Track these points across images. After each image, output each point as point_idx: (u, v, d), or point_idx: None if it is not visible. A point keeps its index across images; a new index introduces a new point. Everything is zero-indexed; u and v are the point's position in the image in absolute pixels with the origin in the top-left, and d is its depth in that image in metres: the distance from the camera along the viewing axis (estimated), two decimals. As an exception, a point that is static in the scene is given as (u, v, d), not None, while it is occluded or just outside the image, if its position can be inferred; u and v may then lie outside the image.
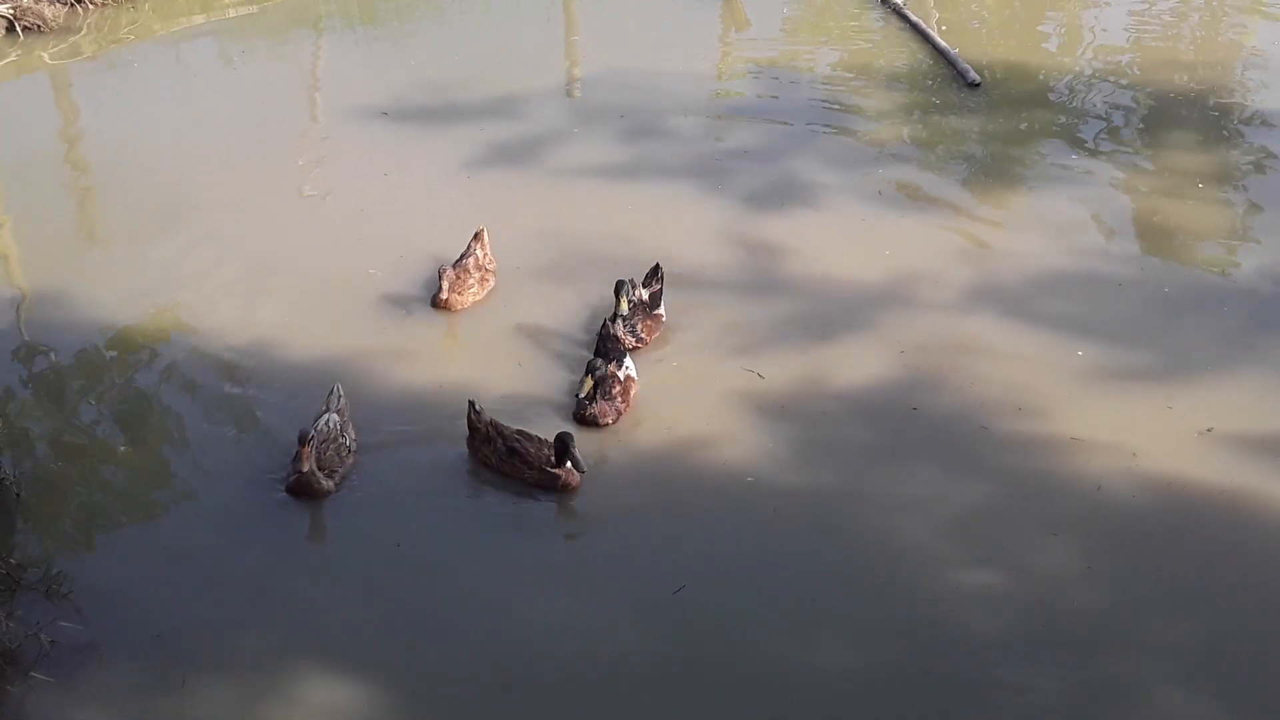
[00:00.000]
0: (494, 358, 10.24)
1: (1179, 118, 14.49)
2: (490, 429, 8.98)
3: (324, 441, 8.82)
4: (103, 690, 7.30)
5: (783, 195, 12.72)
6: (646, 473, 9.01)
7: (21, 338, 10.62)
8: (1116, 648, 7.57)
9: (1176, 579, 8.06)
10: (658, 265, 10.81)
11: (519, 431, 8.96)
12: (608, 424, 9.29)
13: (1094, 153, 13.53)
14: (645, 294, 10.52)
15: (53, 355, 10.36)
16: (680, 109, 14.75)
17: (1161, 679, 7.39)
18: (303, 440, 8.54)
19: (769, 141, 13.94)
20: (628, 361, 9.65)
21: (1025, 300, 10.89)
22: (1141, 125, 14.35)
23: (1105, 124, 14.29)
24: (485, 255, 11.18)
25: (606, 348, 9.90)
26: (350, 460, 8.92)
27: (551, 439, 8.80)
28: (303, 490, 8.61)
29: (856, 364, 10.10)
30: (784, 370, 10.02)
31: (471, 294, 10.88)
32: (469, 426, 9.10)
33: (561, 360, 10.20)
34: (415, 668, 7.52)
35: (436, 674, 7.49)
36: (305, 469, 8.50)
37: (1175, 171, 13.12)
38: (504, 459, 8.86)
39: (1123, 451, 8.99)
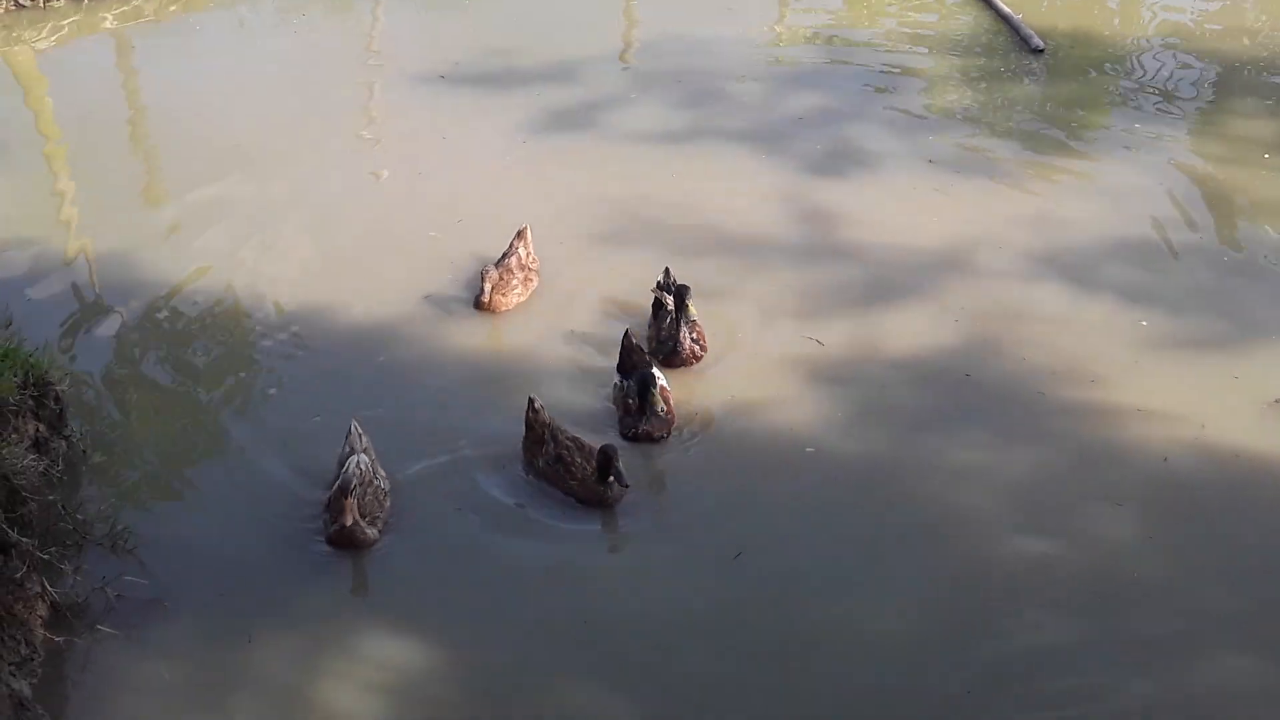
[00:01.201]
0: (540, 365, 9.69)
1: (1245, 85, 14.23)
2: (546, 431, 8.57)
3: (359, 486, 8.09)
4: (168, 644, 7.35)
5: (841, 161, 12.61)
6: (708, 439, 8.95)
7: (87, 297, 10.70)
8: (1174, 616, 7.47)
9: (1239, 550, 7.92)
10: (668, 269, 10.25)
11: (573, 438, 8.56)
12: (664, 438, 8.86)
13: (1158, 120, 13.31)
14: (669, 300, 9.85)
15: (118, 314, 10.41)
16: (738, 74, 14.65)
17: (1219, 648, 7.26)
18: (346, 490, 7.90)
19: (827, 107, 13.81)
20: (658, 372, 9.08)
21: (1087, 268, 10.73)
22: (1207, 93, 14.11)
23: (1170, 91, 14.05)
24: (528, 254, 10.67)
25: (633, 360, 9.30)
26: (388, 503, 8.27)
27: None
28: (346, 543, 7.94)
29: (915, 330, 10.00)
30: (843, 336, 9.93)
31: (515, 295, 10.38)
32: (526, 424, 8.70)
33: (609, 368, 9.60)
34: (478, 623, 7.54)
35: (499, 629, 7.50)
36: (349, 523, 7.83)
37: (1241, 140, 12.89)
38: (550, 464, 8.45)
39: (1189, 422, 8.84)
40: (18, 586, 7.27)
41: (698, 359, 9.57)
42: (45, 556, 7.54)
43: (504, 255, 10.58)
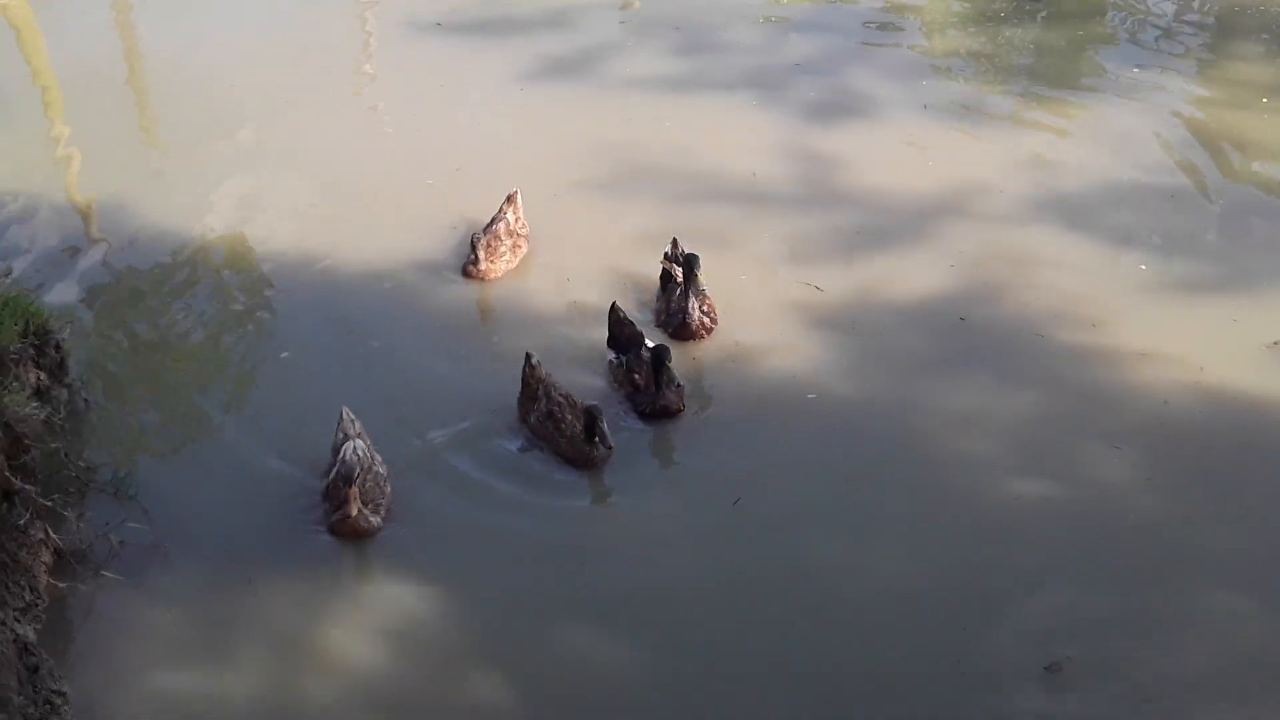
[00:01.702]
0: (532, 336, 9.32)
1: (1244, 30, 14.11)
2: (540, 388, 8.48)
3: (360, 471, 7.75)
4: (171, 589, 7.36)
5: (839, 107, 12.51)
6: (708, 386, 8.93)
7: (86, 247, 10.62)
8: (1172, 556, 7.48)
9: (1237, 491, 7.92)
10: (675, 239, 9.89)
11: (565, 395, 8.44)
12: (681, 409, 8.60)
13: (1156, 65, 13.19)
14: (678, 272, 9.50)
15: (118, 264, 10.36)
16: (736, 21, 14.52)
17: (1217, 588, 7.28)
18: (349, 479, 7.56)
19: (825, 53, 13.69)
20: (648, 342, 8.89)
21: (1086, 212, 10.67)
22: (1206, 37, 14.00)
23: (1168, 36, 13.94)
24: (517, 219, 10.32)
25: (625, 334, 9.01)
26: (388, 489, 7.96)
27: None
28: (349, 533, 7.65)
29: (914, 276, 9.95)
30: (841, 282, 9.89)
31: (504, 262, 10.06)
32: (522, 380, 8.59)
33: (596, 349, 9.32)
34: (480, 570, 7.54)
35: (499, 576, 7.50)
36: (354, 513, 7.55)
37: (1239, 84, 12.79)
38: (541, 421, 8.38)
39: (1188, 365, 8.82)
40: (21, 533, 7.26)
41: (708, 331, 9.28)
42: (48, 503, 7.54)
43: (492, 220, 10.25)
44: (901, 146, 11.77)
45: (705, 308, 9.28)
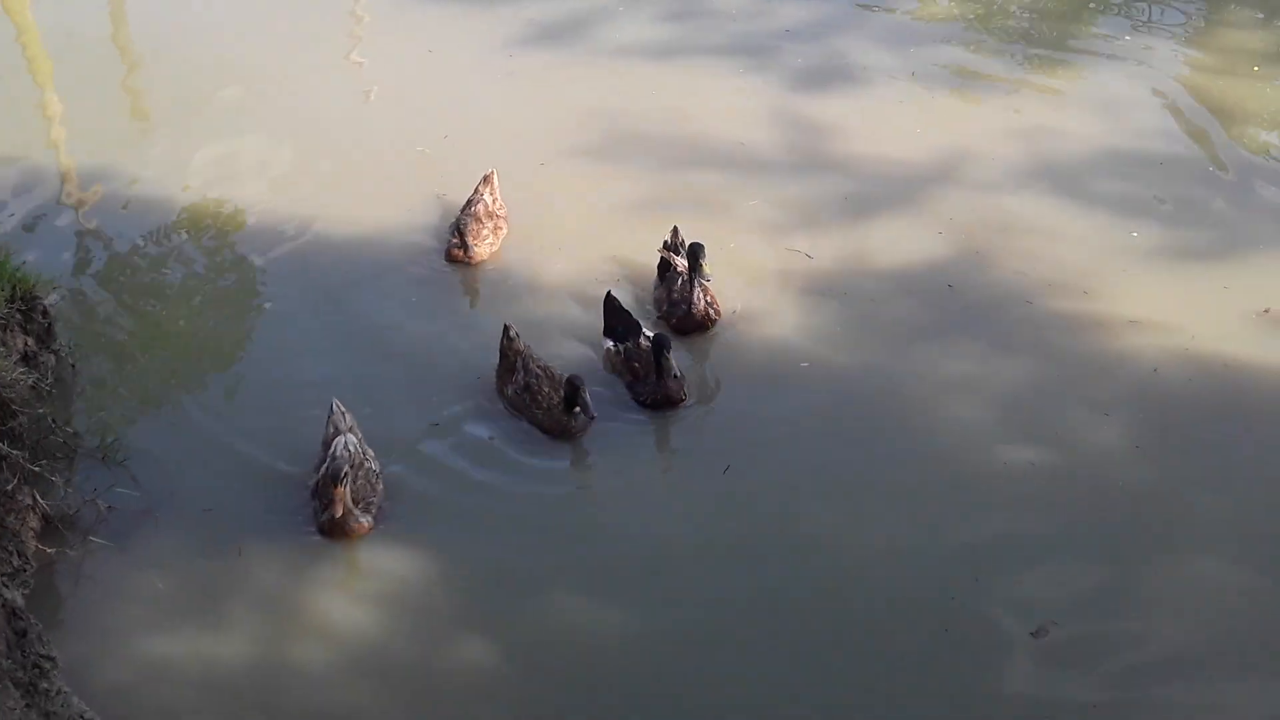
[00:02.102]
0: (522, 315, 9.14)
1: (1237, -4, 14.07)
2: (518, 360, 8.45)
3: (350, 471, 7.47)
4: (160, 555, 7.37)
5: (829, 74, 12.40)
6: (699, 351, 8.94)
7: (73, 213, 10.58)
8: (1161, 521, 7.51)
9: (1226, 458, 7.95)
10: (676, 228, 9.59)
11: (544, 367, 8.43)
12: (683, 399, 8.43)
13: (1149, 31, 13.08)
14: (680, 262, 9.24)
15: (105, 230, 10.32)
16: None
17: (1203, 554, 7.32)
18: (337, 478, 7.26)
19: (815, 19, 13.54)
20: (647, 331, 8.73)
21: (1077, 180, 10.61)
22: (1199, 4, 13.87)
23: (1161, 3, 13.85)
24: (495, 200, 10.11)
25: (622, 322, 8.79)
26: (380, 485, 7.74)
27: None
28: (339, 533, 7.42)
29: (904, 243, 9.92)
30: (832, 249, 9.86)
31: (487, 244, 9.85)
32: (500, 352, 8.57)
33: (592, 323, 9.20)
34: (471, 537, 7.56)
35: (491, 543, 7.53)
36: (339, 513, 7.29)
37: (1231, 51, 12.71)
38: (518, 393, 8.37)
39: (1179, 332, 8.81)
40: (9, 498, 7.26)
41: (712, 323, 9.05)
42: (36, 469, 7.53)
43: (469, 203, 10.06)
44: (892, 113, 11.70)
45: (709, 298, 9.07)
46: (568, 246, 9.96)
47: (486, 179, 10.19)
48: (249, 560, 7.37)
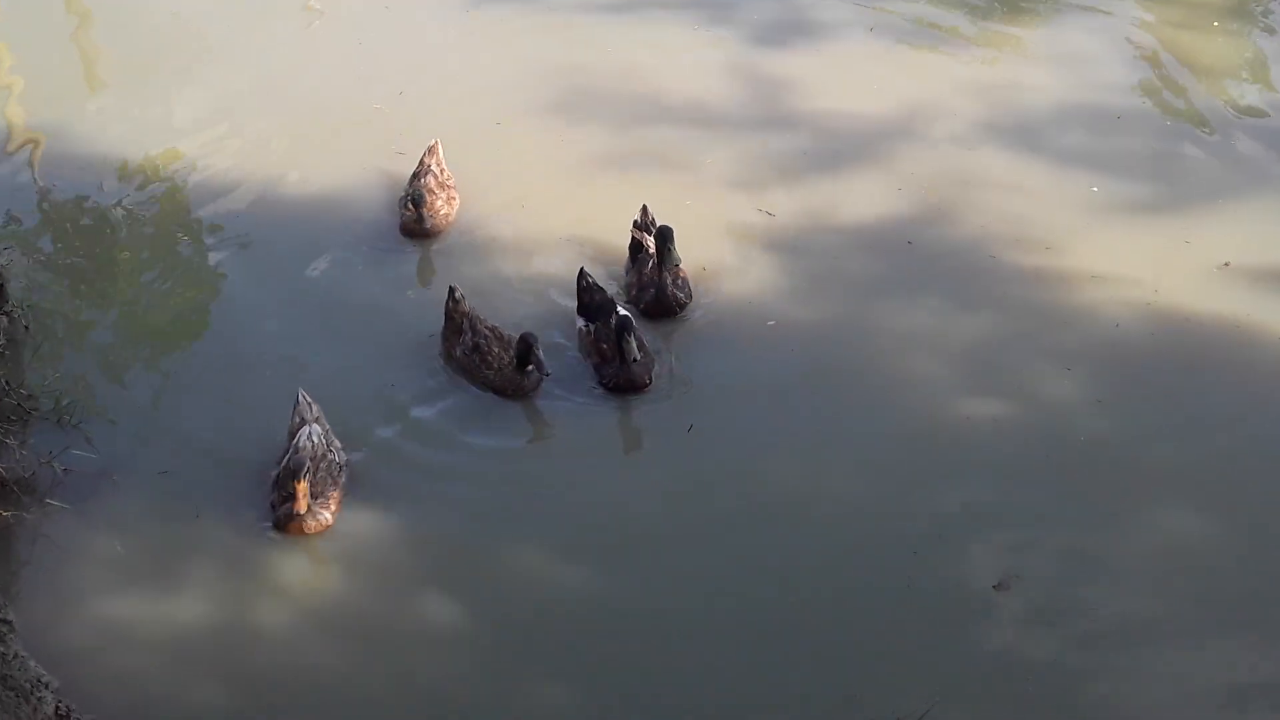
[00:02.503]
0: (484, 294, 8.96)
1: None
2: (465, 321, 8.36)
3: (310, 465, 7.25)
4: (118, 517, 7.28)
5: (787, 29, 12.24)
6: (665, 330, 8.79)
7: (28, 176, 10.35)
8: (1122, 474, 7.54)
9: (1187, 410, 7.99)
10: (645, 206, 9.28)
11: (491, 328, 8.35)
12: (646, 384, 8.19)
13: (1108, -15, 13.14)
14: (649, 241, 8.93)
15: (60, 193, 10.12)
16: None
17: (1164, 507, 7.37)
18: (298, 473, 7.04)
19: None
20: (621, 309, 8.46)
21: (1036, 134, 10.60)
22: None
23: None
24: (443, 170, 9.82)
25: (595, 300, 8.58)
26: (343, 479, 7.47)
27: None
28: (296, 530, 7.16)
29: (864, 199, 9.88)
30: (793, 206, 9.80)
31: (442, 214, 9.59)
32: (445, 315, 8.47)
33: (547, 281, 9.23)
34: (435, 500, 7.53)
35: (455, 506, 7.49)
36: (302, 510, 7.08)
37: (1192, 6, 12.67)
38: (467, 354, 8.27)
39: (1141, 286, 8.82)
40: (-39, 461, 7.18)
41: (682, 307, 8.78)
42: (-10, 431, 7.45)
43: (416, 174, 9.78)
44: (851, 67, 11.58)
45: (680, 280, 8.81)
46: (530, 204, 9.84)
47: (431, 149, 9.91)
48: (207, 523, 7.29)
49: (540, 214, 9.76)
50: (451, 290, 8.48)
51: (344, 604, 6.92)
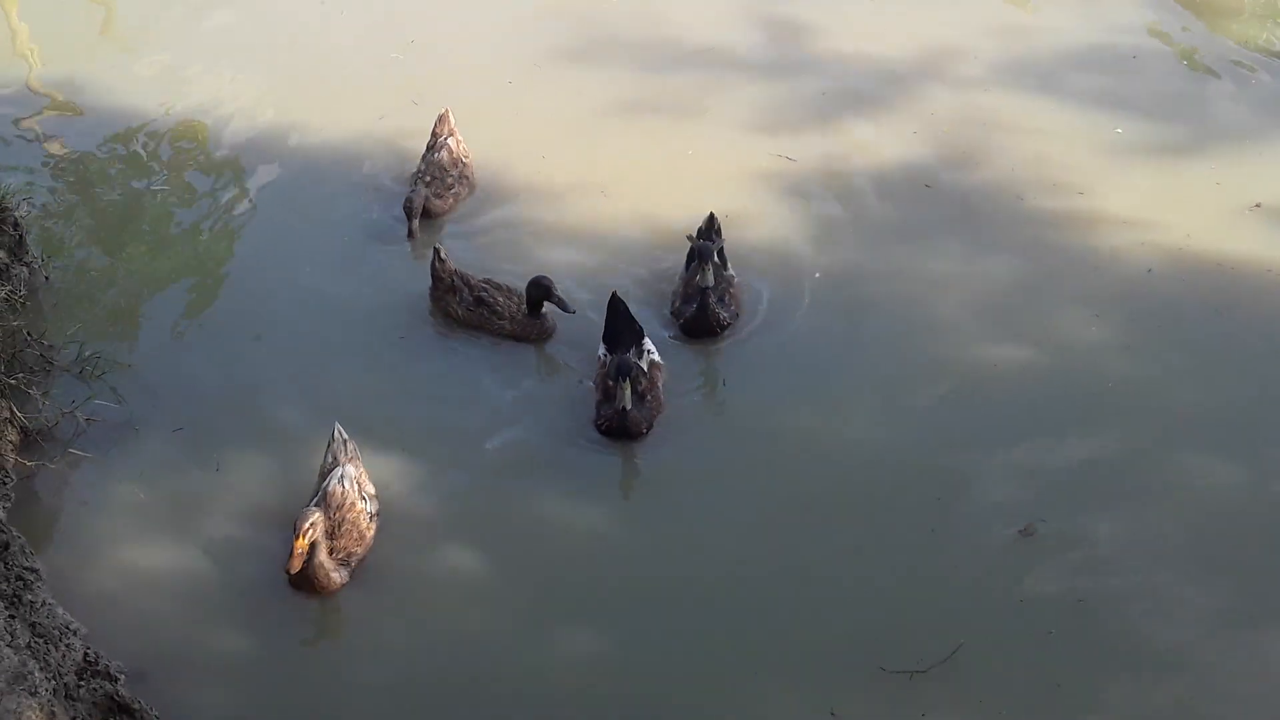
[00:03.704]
0: (501, 250, 8.87)
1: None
2: (456, 278, 8.18)
3: (335, 511, 6.57)
4: (140, 467, 7.23)
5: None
6: (680, 254, 8.64)
7: (44, 128, 10.27)
8: (1150, 419, 7.41)
9: (1218, 355, 7.84)
10: (712, 215, 8.59)
11: (486, 280, 8.18)
12: (642, 434, 7.41)
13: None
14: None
15: (76, 144, 10.03)
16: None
17: (1191, 452, 7.23)
18: (297, 531, 6.26)
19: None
20: (648, 343, 7.77)
21: (1057, 75, 10.42)
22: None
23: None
24: (459, 144, 9.32)
25: (622, 329, 7.78)
26: (371, 533, 6.72)
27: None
28: (305, 585, 6.46)
29: (885, 142, 9.74)
30: (812, 150, 9.66)
31: (453, 195, 9.19)
32: (432, 276, 8.26)
33: (570, 234, 9.02)
34: (453, 444, 7.45)
35: (470, 452, 7.43)
36: (293, 568, 6.31)
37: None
38: (471, 309, 8.12)
39: (1173, 231, 8.66)
40: (-15, 412, 7.15)
41: (723, 328, 8.04)
42: (13, 382, 7.37)
43: (429, 148, 9.37)
44: (871, 12, 11.38)
45: (728, 298, 8.15)
46: (549, 156, 9.68)
47: (442, 118, 9.45)
48: (226, 475, 7.23)
49: (559, 165, 9.59)
50: (436, 250, 8.29)
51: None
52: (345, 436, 7.00)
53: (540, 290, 7.98)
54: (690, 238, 8.38)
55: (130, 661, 6.15)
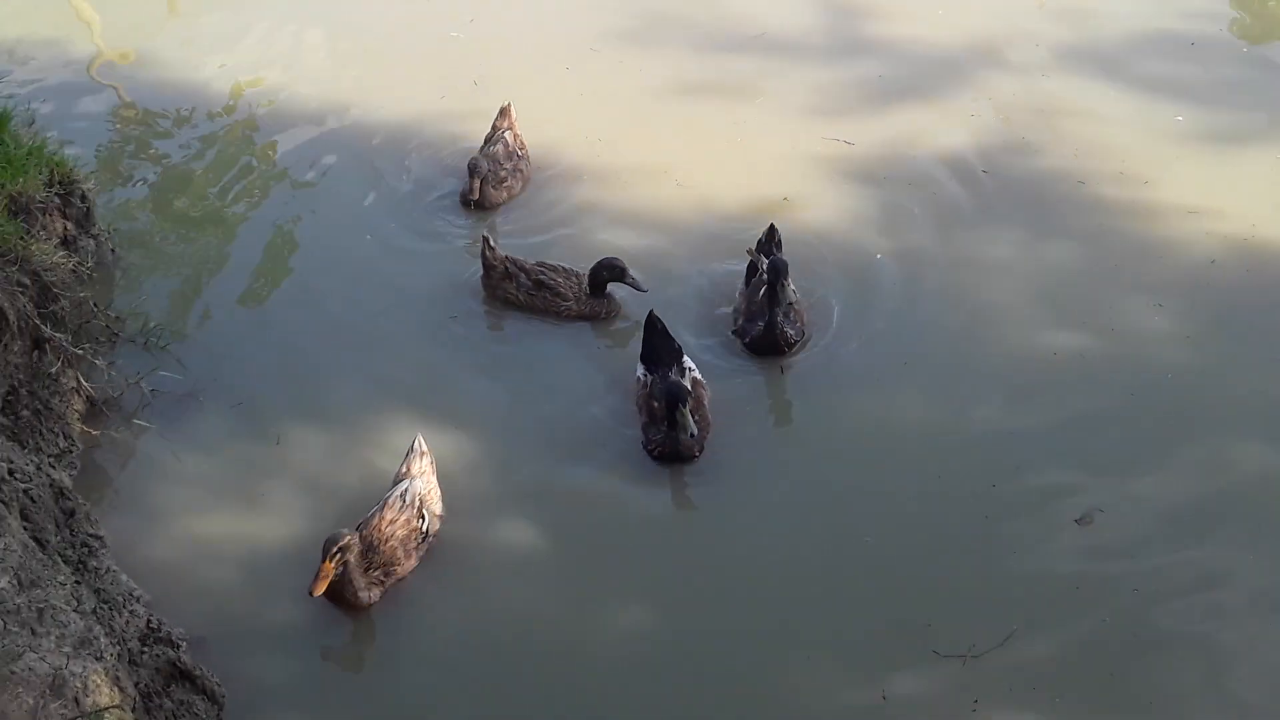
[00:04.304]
0: (555, 234, 8.90)
1: None
2: (508, 265, 8.11)
3: (385, 525, 6.41)
4: (202, 438, 7.27)
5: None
6: (740, 238, 8.58)
7: (110, 98, 10.38)
8: (1210, 411, 7.27)
9: (1278, 346, 7.69)
10: (773, 226, 8.22)
11: (540, 264, 8.13)
12: (695, 457, 7.11)
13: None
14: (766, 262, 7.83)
15: (142, 115, 10.15)
16: None
17: (1251, 439, 7.09)
18: (326, 553, 6.08)
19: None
20: (688, 361, 7.47)
21: (1113, 61, 10.32)
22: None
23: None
24: (516, 137, 9.26)
25: (660, 348, 7.44)
26: (416, 556, 6.54)
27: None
28: (338, 599, 6.32)
29: (943, 127, 9.65)
30: (870, 135, 9.58)
31: (506, 189, 9.09)
32: (484, 265, 8.18)
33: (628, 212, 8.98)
34: (505, 417, 7.45)
35: (521, 428, 7.41)
36: (317, 590, 6.09)
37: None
38: (532, 294, 8.08)
39: (1236, 220, 8.51)
40: (53, 381, 7.18)
41: (790, 346, 7.73)
42: (79, 352, 7.42)
43: (488, 140, 9.31)
44: (929, -5, 11.36)
45: (794, 315, 7.79)
46: (604, 138, 9.66)
47: (504, 111, 9.41)
48: (287, 447, 7.26)
49: (615, 149, 9.55)
50: (485, 239, 8.21)
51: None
52: (424, 449, 6.81)
53: (614, 271, 7.94)
54: (750, 251, 8.11)
55: (191, 629, 6.19)
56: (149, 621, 6.03)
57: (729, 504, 6.93)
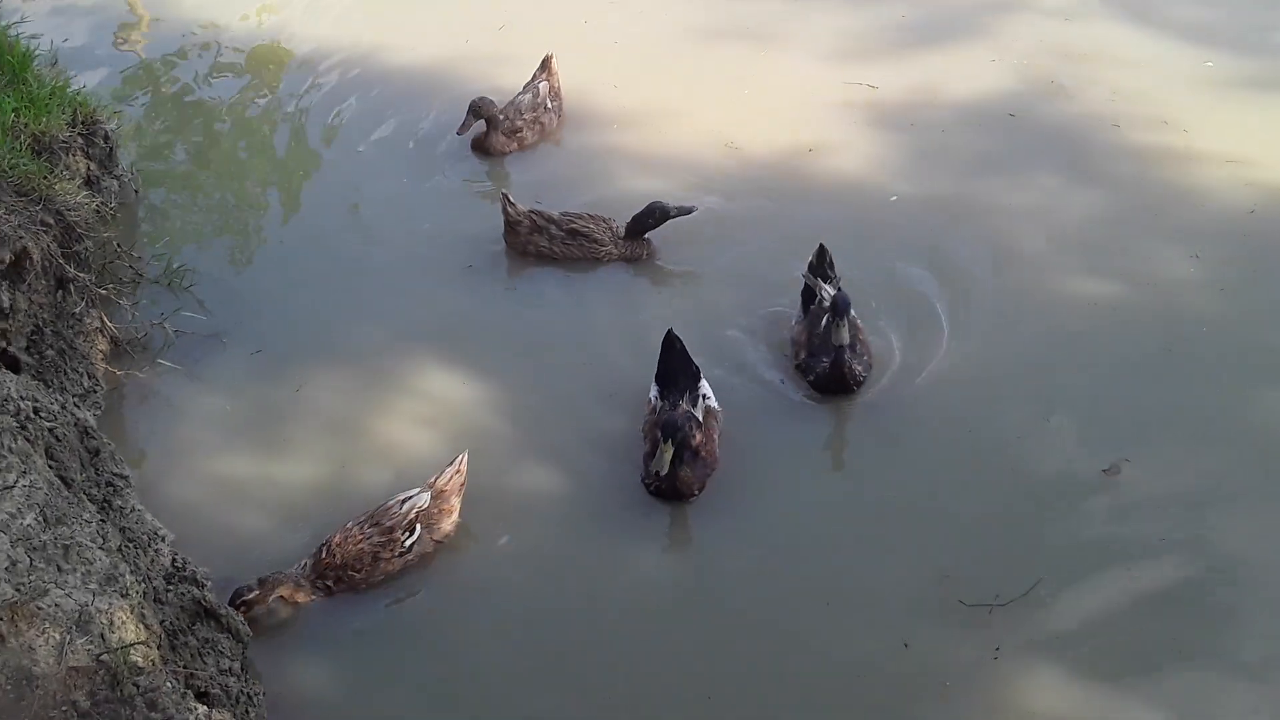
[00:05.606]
0: (578, 182, 8.74)
1: None
2: (536, 218, 7.92)
3: (367, 527, 6.18)
4: (226, 378, 7.19)
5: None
6: (768, 183, 8.51)
7: (134, 39, 10.27)
8: (1243, 362, 7.06)
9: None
10: (823, 246, 7.51)
11: (566, 213, 7.95)
12: (693, 495, 6.52)
13: None
14: (828, 291, 7.19)
15: (166, 54, 10.03)
16: None
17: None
18: (236, 599, 5.88)
19: None
20: (705, 387, 6.88)
21: (1142, 5, 10.07)
22: None
23: None
24: (552, 90, 9.11)
25: (677, 369, 6.86)
26: (387, 570, 6.19)
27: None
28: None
29: (969, 71, 9.43)
30: (895, 79, 9.37)
31: (519, 139, 8.95)
32: (506, 222, 7.97)
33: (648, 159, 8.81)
34: (521, 365, 7.34)
35: (542, 378, 7.30)
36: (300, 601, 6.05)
37: None
38: (568, 244, 7.91)
39: (1275, 170, 8.25)
40: (78, 321, 7.09)
41: (859, 385, 7.01)
42: (103, 292, 7.33)
43: (525, 88, 9.13)
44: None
45: (860, 348, 7.10)
46: (621, 85, 9.52)
47: (545, 63, 9.19)
48: (308, 392, 7.16)
49: (635, 94, 9.38)
50: (504, 195, 8.00)
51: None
52: (461, 467, 6.42)
53: (661, 213, 7.81)
54: (805, 275, 7.40)
55: (214, 568, 6.12)
56: (174, 560, 5.97)
57: (755, 450, 6.79)
